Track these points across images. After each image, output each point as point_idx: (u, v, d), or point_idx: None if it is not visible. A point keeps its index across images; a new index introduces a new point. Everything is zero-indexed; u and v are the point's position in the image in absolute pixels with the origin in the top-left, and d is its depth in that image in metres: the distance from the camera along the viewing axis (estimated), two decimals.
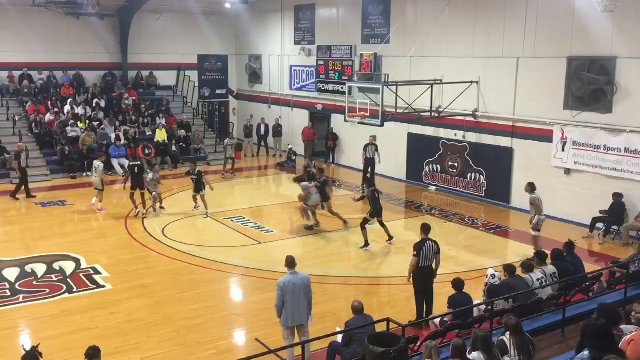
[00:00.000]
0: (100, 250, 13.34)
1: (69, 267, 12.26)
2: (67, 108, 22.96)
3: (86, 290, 11.21)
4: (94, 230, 15.07)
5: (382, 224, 13.72)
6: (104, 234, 14.74)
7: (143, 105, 24.59)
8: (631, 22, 13.90)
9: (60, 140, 21.41)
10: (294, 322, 8.18)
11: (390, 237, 13.79)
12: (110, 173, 20.92)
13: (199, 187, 16.05)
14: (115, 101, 24.47)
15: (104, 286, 11.39)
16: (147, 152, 21.82)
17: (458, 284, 8.99)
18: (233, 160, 21.57)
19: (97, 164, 16.34)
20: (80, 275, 11.87)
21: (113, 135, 22.04)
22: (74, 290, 11.17)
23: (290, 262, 8.27)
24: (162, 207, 16.57)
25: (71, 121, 22.25)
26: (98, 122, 22.73)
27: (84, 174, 20.77)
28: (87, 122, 22.57)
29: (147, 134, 23.43)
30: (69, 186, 19.66)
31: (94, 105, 23.75)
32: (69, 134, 21.76)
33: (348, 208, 16.03)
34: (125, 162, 21.36)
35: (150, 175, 16.04)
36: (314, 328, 8.63)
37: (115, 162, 21.24)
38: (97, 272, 12.01)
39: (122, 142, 21.76)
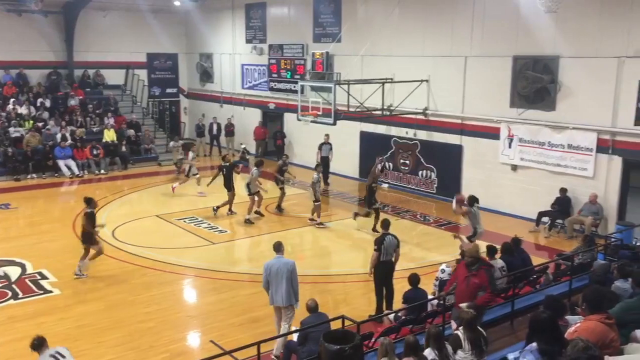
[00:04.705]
0: (47, 255, 12.90)
1: (14, 272, 11.84)
2: (9, 107, 22.17)
3: (33, 296, 10.85)
4: (40, 234, 14.58)
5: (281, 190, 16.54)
6: (51, 238, 14.26)
7: (90, 105, 23.98)
8: (573, 22, 14.37)
9: (2, 141, 20.64)
10: (274, 302, 8.58)
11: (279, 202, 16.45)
12: (56, 175, 20.37)
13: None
14: (61, 100, 23.74)
15: (51, 291, 11.05)
16: (95, 152, 21.32)
17: (414, 279, 9.12)
18: (181, 161, 21.00)
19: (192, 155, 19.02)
20: (26, 280, 11.50)
21: (59, 136, 21.40)
22: (20, 296, 10.80)
23: (277, 247, 8.80)
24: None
25: (14, 121, 21.50)
26: (43, 122, 22.03)
27: (29, 176, 20.10)
28: (32, 122, 21.85)
29: (94, 130, 22.82)
30: (13, 189, 18.96)
31: (38, 104, 23.01)
32: (12, 135, 21.01)
33: (301, 207, 16.05)
34: (72, 163, 20.79)
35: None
36: (266, 328, 8.70)
37: (61, 163, 20.60)
38: (44, 277, 11.64)
39: (68, 142, 21.15)
